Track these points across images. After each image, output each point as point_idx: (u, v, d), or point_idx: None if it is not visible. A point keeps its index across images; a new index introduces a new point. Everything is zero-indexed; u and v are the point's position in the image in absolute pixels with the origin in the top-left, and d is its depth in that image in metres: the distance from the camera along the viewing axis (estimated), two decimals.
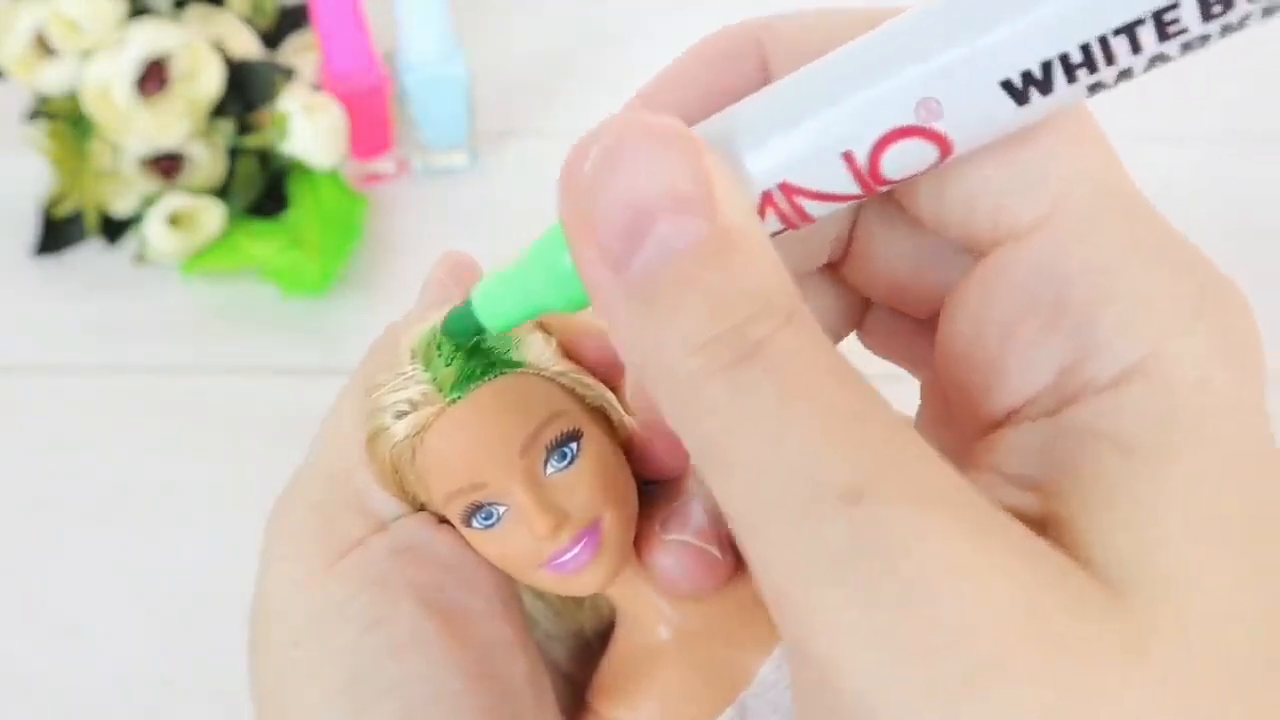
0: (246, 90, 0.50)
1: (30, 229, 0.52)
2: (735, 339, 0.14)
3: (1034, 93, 0.14)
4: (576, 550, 0.20)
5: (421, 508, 0.22)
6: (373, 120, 0.55)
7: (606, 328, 0.15)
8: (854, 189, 0.15)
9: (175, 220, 0.50)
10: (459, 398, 0.20)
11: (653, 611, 0.22)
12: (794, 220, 0.16)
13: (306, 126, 0.49)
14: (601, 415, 0.22)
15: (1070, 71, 0.13)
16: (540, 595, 0.24)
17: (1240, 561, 0.13)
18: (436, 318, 0.21)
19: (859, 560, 0.13)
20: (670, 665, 0.22)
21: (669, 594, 0.22)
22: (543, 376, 0.21)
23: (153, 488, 0.43)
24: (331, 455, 0.23)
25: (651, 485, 0.22)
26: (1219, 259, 0.15)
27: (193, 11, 0.52)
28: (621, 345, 0.15)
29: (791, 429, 0.13)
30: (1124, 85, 0.14)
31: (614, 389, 0.22)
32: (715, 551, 0.21)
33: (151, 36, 0.47)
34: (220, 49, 0.50)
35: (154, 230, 0.49)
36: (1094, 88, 0.14)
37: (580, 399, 0.21)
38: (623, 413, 0.22)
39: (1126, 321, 0.15)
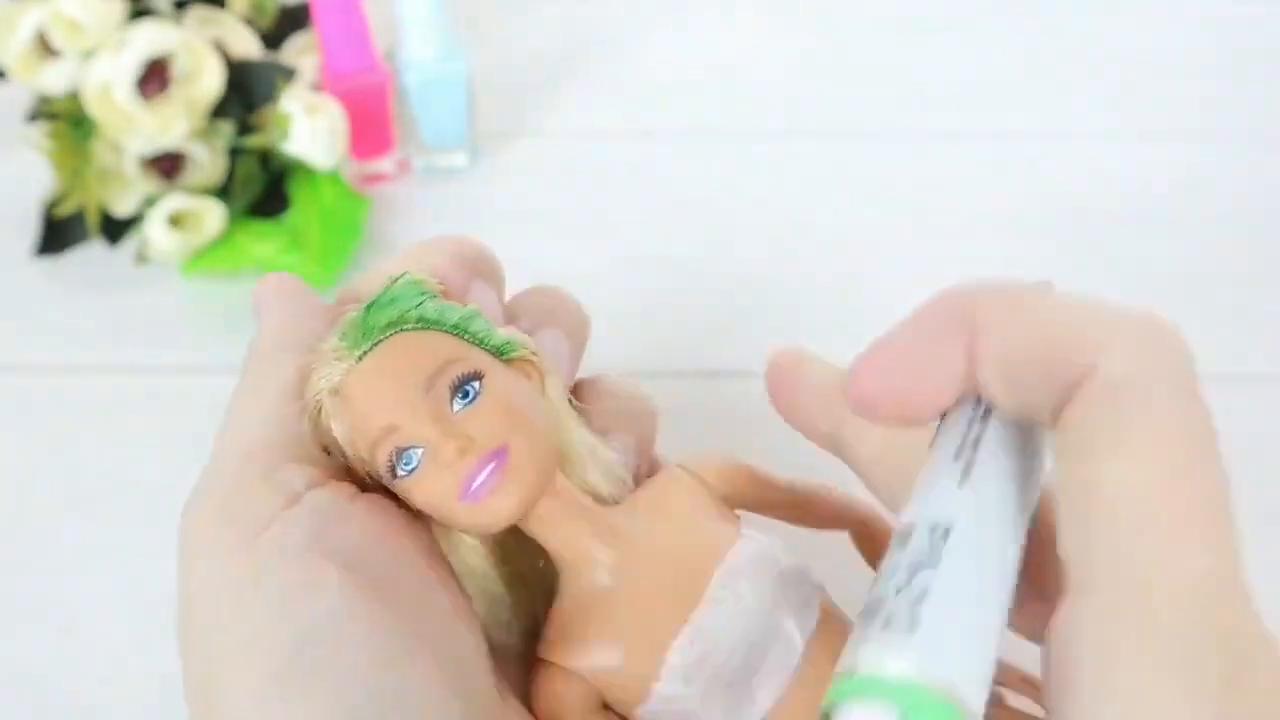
0: (247, 90, 0.50)
1: (31, 229, 0.52)
2: None
3: None
4: (484, 475, 0.22)
5: (366, 477, 0.23)
6: (373, 120, 0.55)
7: None
8: None
9: (176, 220, 0.50)
10: (365, 353, 0.23)
11: (589, 558, 0.23)
12: None
13: (307, 127, 0.49)
14: (522, 365, 0.24)
15: None
16: (482, 567, 0.24)
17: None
18: (358, 306, 0.24)
19: None
20: (618, 604, 0.22)
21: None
22: (442, 330, 0.23)
23: (153, 488, 0.43)
24: (230, 447, 0.23)
25: None
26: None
27: (193, 12, 0.52)
28: None
29: None
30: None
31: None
32: None
33: (152, 37, 0.47)
34: (221, 49, 0.50)
35: (155, 230, 0.49)
36: None
37: (486, 349, 0.24)
38: (532, 362, 0.24)
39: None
